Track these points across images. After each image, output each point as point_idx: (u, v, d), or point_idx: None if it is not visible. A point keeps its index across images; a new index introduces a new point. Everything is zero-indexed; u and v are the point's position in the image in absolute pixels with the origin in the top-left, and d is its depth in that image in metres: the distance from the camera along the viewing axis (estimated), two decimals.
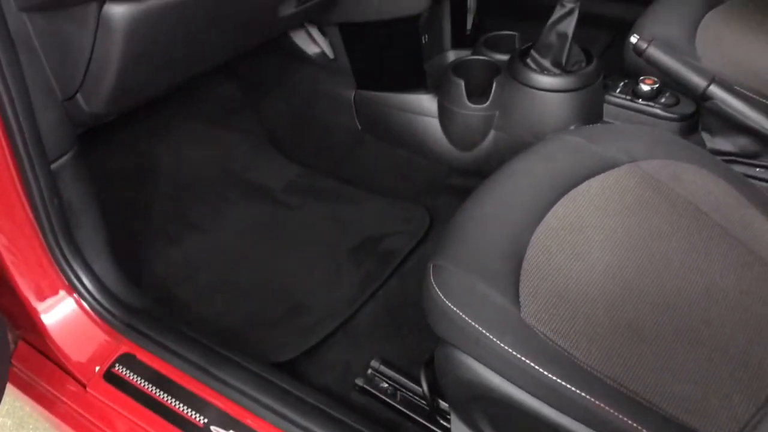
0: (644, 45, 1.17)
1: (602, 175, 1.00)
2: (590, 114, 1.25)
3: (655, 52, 1.17)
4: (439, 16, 1.43)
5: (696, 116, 1.21)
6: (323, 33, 1.38)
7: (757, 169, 1.12)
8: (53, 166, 0.94)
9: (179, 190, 1.44)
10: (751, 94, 1.16)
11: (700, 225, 0.94)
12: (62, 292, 1.03)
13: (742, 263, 0.89)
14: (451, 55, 1.47)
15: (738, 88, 1.15)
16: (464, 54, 1.44)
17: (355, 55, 1.36)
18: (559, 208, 0.92)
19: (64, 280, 1.01)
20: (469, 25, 1.51)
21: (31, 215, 0.94)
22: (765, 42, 1.31)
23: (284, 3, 1.10)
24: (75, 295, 1.02)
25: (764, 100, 1.17)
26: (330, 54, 1.39)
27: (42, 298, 1.01)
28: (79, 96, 0.93)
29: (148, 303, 1.06)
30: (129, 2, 0.83)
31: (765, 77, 1.22)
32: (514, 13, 1.81)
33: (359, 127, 1.45)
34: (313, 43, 1.40)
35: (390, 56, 1.36)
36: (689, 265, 0.88)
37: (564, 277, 0.84)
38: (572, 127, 1.23)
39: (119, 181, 1.42)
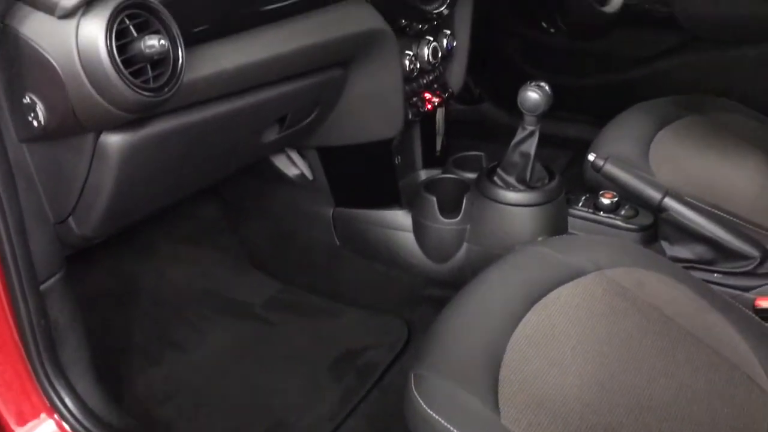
0: (601, 162, 1.27)
1: (571, 283, 1.05)
2: (556, 226, 1.32)
3: (611, 169, 1.26)
4: (410, 138, 1.52)
5: (654, 227, 1.29)
6: (302, 156, 1.46)
7: (715, 275, 1.19)
8: (42, 287, 0.97)
9: (161, 310, 1.46)
10: (703, 206, 1.25)
11: (666, 329, 0.99)
12: (43, 415, 1.02)
13: (709, 365, 0.94)
14: (423, 174, 1.55)
15: (691, 200, 1.24)
16: (435, 173, 1.52)
17: (333, 175, 1.43)
18: (531, 316, 0.96)
19: (46, 401, 1.02)
20: (438, 147, 1.60)
21: (17, 337, 0.96)
22: (713, 158, 1.41)
23: (267, 130, 1.18)
24: (56, 416, 1.02)
25: (716, 211, 1.26)
26: (309, 175, 1.47)
27: (22, 422, 1.01)
28: (71, 219, 0.97)
29: (129, 422, 1.06)
30: (124, 132, 0.89)
31: (715, 190, 1.31)
32: (480, 135, 1.92)
33: (338, 243, 1.50)
34: (292, 165, 1.47)
35: (366, 176, 1.44)
36: (659, 368, 0.92)
37: (541, 382, 0.87)
38: (540, 239, 1.30)
39: (102, 302, 1.44)
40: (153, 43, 0.80)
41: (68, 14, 0.78)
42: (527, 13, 1.88)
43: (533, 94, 1.25)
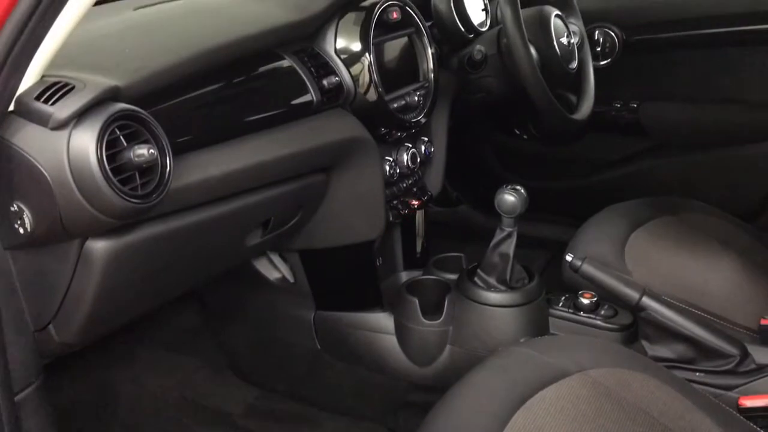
0: (579, 262, 1.29)
1: (555, 384, 1.05)
2: (537, 327, 1.33)
3: (589, 269, 1.28)
4: (391, 240, 1.54)
5: (634, 326, 1.30)
6: (284, 259, 1.47)
7: (697, 374, 1.19)
8: (17, 397, 0.94)
9: (138, 420, 1.42)
10: (681, 305, 1.27)
11: (651, 430, 0.98)
12: None
13: None
14: (404, 276, 1.57)
15: (668, 299, 1.26)
16: (416, 274, 1.53)
17: (315, 278, 1.44)
18: (518, 419, 0.96)
19: None
20: (418, 248, 1.62)
21: None
22: (687, 258, 1.45)
23: (251, 233, 1.19)
24: None
25: (693, 310, 1.28)
26: (290, 278, 1.47)
27: None
28: (51, 327, 0.96)
29: None
30: (110, 238, 0.90)
31: (691, 289, 1.34)
32: (458, 237, 1.96)
33: (319, 347, 1.49)
34: (274, 268, 1.48)
35: (348, 278, 1.44)
36: None
37: None
38: (522, 340, 1.30)
39: (78, 412, 1.39)
40: (142, 152, 0.82)
41: (61, 125, 0.80)
42: (500, 121, 1.96)
43: (510, 197, 1.29)
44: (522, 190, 1.30)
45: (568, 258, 1.31)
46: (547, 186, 2.04)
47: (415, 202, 1.44)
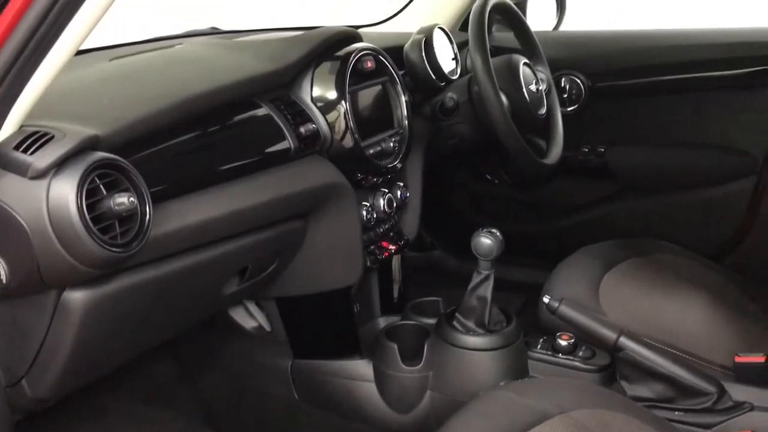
0: (556, 304, 1.30)
1: (537, 428, 1.05)
2: (516, 370, 1.33)
3: (566, 310, 1.30)
4: (368, 286, 1.54)
5: (612, 367, 1.31)
6: (260, 307, 1.46)
7: (676, 413, 1.20)
8: None
9: None
10: (657, 344, 1.28)
11: None
12: None
13: None
14: (382, 322, 1.56)
15: (645, 339, 1.27)
16: (394, 319, 1.53)
17: (292, 326, 1.43)
18: None
19: None
20: (395, 294, 1.62)
21: None
22: (659, 298, 1.47)
23: (228, 282, 1.18)
24: None
25: (669, 349, 1.29)
26: (267, 327, 1.46)
27: None
28: (24, 382, 0.94)
29: None
30: (87, 288, 0.89)
31: (665, 329, 1.35)
32: (434, 282, 1.96)
33: (296, 397, 1.47)
34: (250, 317, 1.46)
35: (326, 325, 1.43)
36: None
37: None
38: (502, 383, 1.30)
39: None
40: (123, 200, 0.82)
41: (40, 175, 0.80)
42: (472, 166, 2.00)
43: (486, 240, 1.31)
44: (497, 233, 1.32)
45: (546, 300, 1.32)
46: (520, 230, 2.06)
47: (392, 247, 1.45)
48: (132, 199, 0.83)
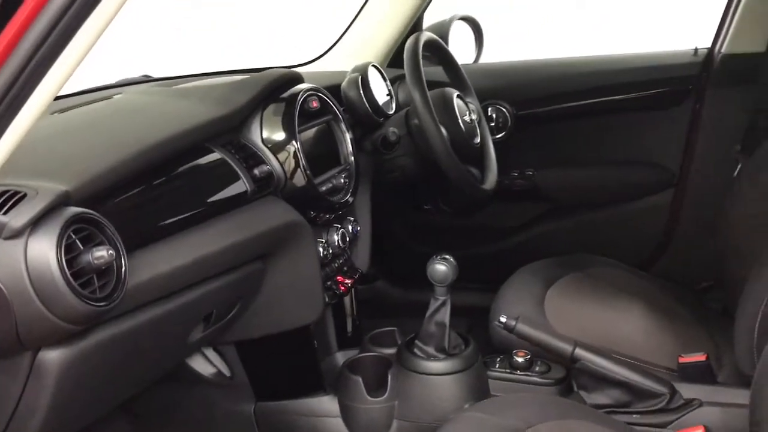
0: (513, 323, 1.36)
1: None
2: (479, 390, 1.37)
3: (523, 328, 1.35)
4: (323, 322, 1.55)
5: (567, 379, 1.37)
6: (219, 352, 1.44)
7: (634, 416, 1.27)
8: None
9: None
10: (608, 353, 1.35)
11: None
12: None
13: None
14: (340, 356, 1.57)
15: (598, 349, 1.34)
16: (352, 353, 1.54)
17: (253, 369, 1.42)
18: None
19: None
20: (349, 327, 1.64)
21: None
22: (600, 309, 1.55)
23: (194, 329, 1.17)
24: None
25: (620, 357, 1.37)
26: (227, 372, 1.44)
27: None
28: None
29: None
30: (64, 347, 0.87)
31: (610, 338, 1.43)
32: (381, 312, 1.99)
33: None
34: (208, 364, 1.44)
35: (287, 365, 1.43)
36: None
37: None
38: (466, 406, 1.34)
39: None
40: (101, 254, 0.81)
41: (16, 234, 0.78)
42: (410, 198, 2.05)
43: (441, 267, 1.35)
44: (451, 259, 1.37)
45: (503, 319, 1.37)
46: (459, 255, 2.12)
47: (348, 281, 1.47)
48: (111, 251, 0.82)
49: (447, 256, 1.37)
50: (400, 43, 1.95)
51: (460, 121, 1.59)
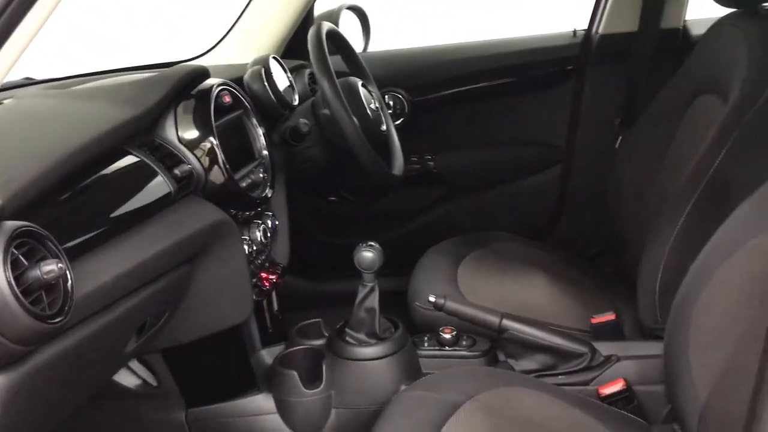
0: (442, 301, 1.40)
1: (454, 416, 1.14)
2: (412, 370, 1.41)
3: (452, 305, 1.40)
4: (246, 321, 1.52)
5: (492, 350, 1.44)
6: (143, 362, 1.38)
7: (560, 377, 1.36)
8: None
9: None
10: (530, 321, 1.43)
11: None
12: None
13: None
14: (265, 354, 1.55)
15: (522, 317, 1.42)
16: (277, 349, 1.53)
17: (182, 375, 1.37)
18: None
19: None
20: (269, 323, 1.62)
21: None
22: (509, 281, 1.65)
23: (130, 339, 1.12)
24: None
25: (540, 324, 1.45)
26: (153, 382, 1.39)
27: None
28: None
29: None
30: (8, 371, 0.80)
31: (525, 307, 1.51)
32: (291, 305, 1.97)
33: None
34: (132, 375, 1.38)
35: (219, 367, 1.40)
36: None
37: None
38: (402, 387, 1.37)
39: None
40: (51, 268, 0.76)
41: None
42: (314, 189, 2.05)
43: (368, 254, 1.37)
44: (377, 246, 1.39)
45: (432, 299, 1.41)
46: (362, 242, 2.15)
47: (272, 277, 1.45)
48: (60, 265, 0.77)
49: (372, 243, 1.39)
50: (293, 33, 1.93)
51: (367, 109, 1.61)
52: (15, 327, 0.73)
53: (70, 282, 0.81)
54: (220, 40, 1.96)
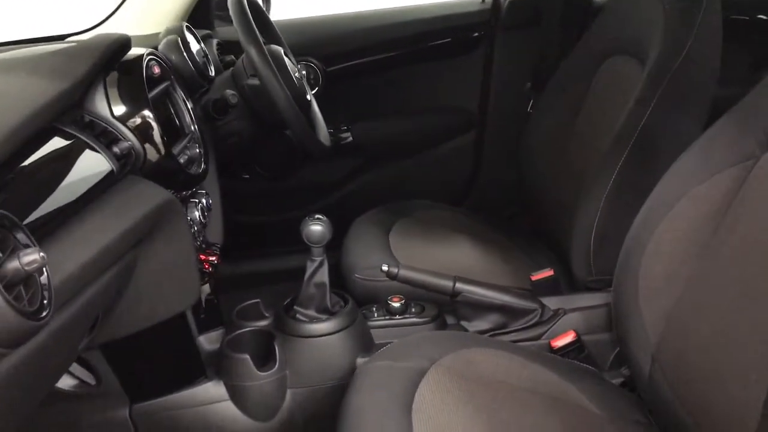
0: (396, 270, 1.39)
1: (423, 381, 1.14)
2: (365, 342, 1.39)
3: (406, 273, 1.39)
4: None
5: (441, 315, 1.45)
6: (79, 360, 1.26)
7: (513, 334, 1.39)
8: None
9: None
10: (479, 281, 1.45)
11: (507, 391, 1.14)
12: None
13: (547, 406, 1.11)
14: (203, 340, 1.47)
15: (471, 279, 1.43)
16: (215, 334, 1.45)
17: (124, 370, 1.27)
18: (417, 424, 1.02)
19: None
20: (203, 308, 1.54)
21: None
22: (439, 247, 1.68)
23: (84, 334, 1.02)
24: None
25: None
26: (91, 380, 1.27)
27: None
28: None
29: None
30: None
31: (461, 269, 1.52)
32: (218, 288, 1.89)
33: None
34: (67, 376, 1.26)
35: (165, 358, 1.31)
36: (517, 424, 1.06)
37: None
38: (359, 360, 1.35)
39: None
40: (33, 258, 0.67)
41: None
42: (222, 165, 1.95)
43: (317, 227, 1.33)
44: (325, 219, 1.35)
45: (385, 268, 1.39)
46: (283, 218, 2.09)
47: (212, 258, 1.37)
48: (41, 254, 0.68)
49: (320, 216, 1.35)
50: (196, 3, 1.82)
51: (293, 78, 1.55)
52: (2, 328, 0.64)
53: (47, 273, 0.72)
54: (114, 12, 1.81)
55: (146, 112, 1.14)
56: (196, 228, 1.32)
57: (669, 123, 1.36)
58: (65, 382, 1.26)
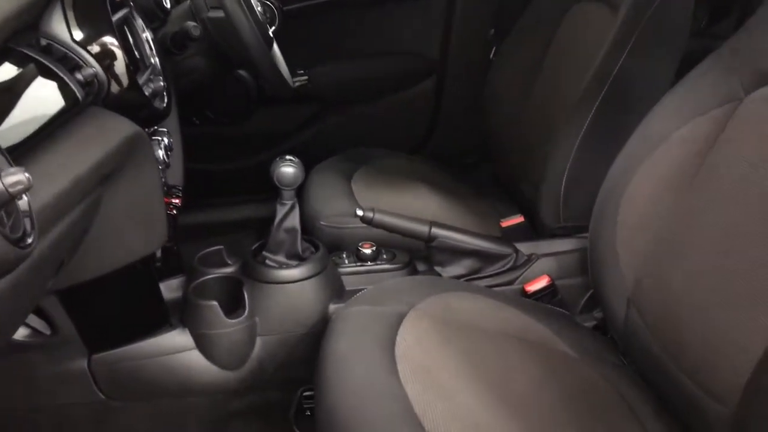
0: (371, 215, 1.34)
1: (403, 325, 1.12)
2: (336, 289, 1.34)
3: (381, 217, 1.35)
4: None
5: (412, 262, 1.42)
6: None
7: (486, 279, 1.38)
8: None
9: None
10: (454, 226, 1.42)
11: (487, 336, 1.12)
12: None
13: (524, 350, 1.11)
14: (163, 287, 1.39)
15: (446, 224, 1.40)
16: (176, 282, 1.38)
17: (83, 318, 1.19)
18: (401, 366, 1.00)
19: None
20: (158, 254, 1.46)
21: None
22: (402, 195, 1.65)
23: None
24: None
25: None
26: (45, 330, 1.18)
27: None
28: None
29: None
30: None
31: (428, 216, 1.50)
32: (194, 236, 1.80)
33: (102, 397, 1.25)
34: None
35: (127, 305, 1.23)
36: (500, 367, 1.05)
37: None
38: (332, 307, 1.31)
39: None
40: (18, 178, 0.59)
41: None
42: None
43: (288, 169, 1.27)
44: (297, 160, 1.29)
45: (359, 213, 1.35)
46: (235, 167, 2.01)
47: (176, 201, 1.29)
48: (26, 174, 0.60)
49: (291, 157, 1.29)
50: None
51: (257, 12, 1.46)
52: None
53: (26, 198, 0.64)
54: None
55: (110, 38, 1.05)
56: (160, 167, 1.23)
57: (644, 67, 1.35)
58: (18, 332, 1.17)
